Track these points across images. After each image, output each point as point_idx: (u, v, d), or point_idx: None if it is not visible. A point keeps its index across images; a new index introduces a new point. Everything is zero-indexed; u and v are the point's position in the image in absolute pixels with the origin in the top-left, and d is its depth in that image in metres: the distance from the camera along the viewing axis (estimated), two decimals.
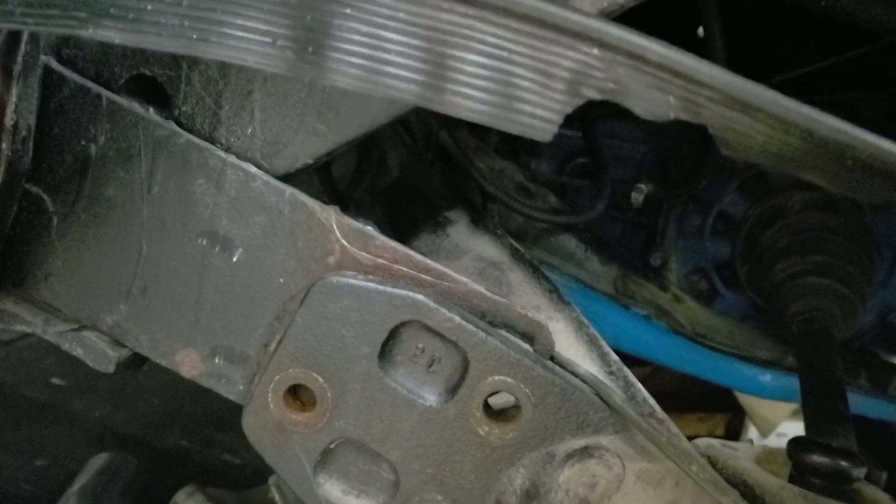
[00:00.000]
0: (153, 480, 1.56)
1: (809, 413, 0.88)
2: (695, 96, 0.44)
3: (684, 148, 1.34)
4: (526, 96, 0.46)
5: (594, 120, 1.30)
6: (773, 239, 1.19)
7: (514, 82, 0.46)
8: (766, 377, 1.28)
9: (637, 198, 1.20)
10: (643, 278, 1.29)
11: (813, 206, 1.20)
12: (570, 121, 1.43)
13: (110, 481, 1.42)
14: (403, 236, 1.02)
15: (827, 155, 0.44)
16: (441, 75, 0.46)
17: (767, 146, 0.45)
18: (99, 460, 1.46)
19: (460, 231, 0.99)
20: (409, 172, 1.15)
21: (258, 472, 1.64)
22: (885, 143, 0.43)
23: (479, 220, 1.00)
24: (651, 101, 0.45)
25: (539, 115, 0.46)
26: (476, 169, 1.09)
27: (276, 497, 1.49)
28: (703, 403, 2.15)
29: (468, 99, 0.46)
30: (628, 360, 0.78)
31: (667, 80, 0.45)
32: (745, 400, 1.93)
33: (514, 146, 1.36)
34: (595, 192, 1.20)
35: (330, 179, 1.17)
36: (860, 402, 1.26)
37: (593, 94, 0.46)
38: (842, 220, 1.18)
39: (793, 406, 1.91)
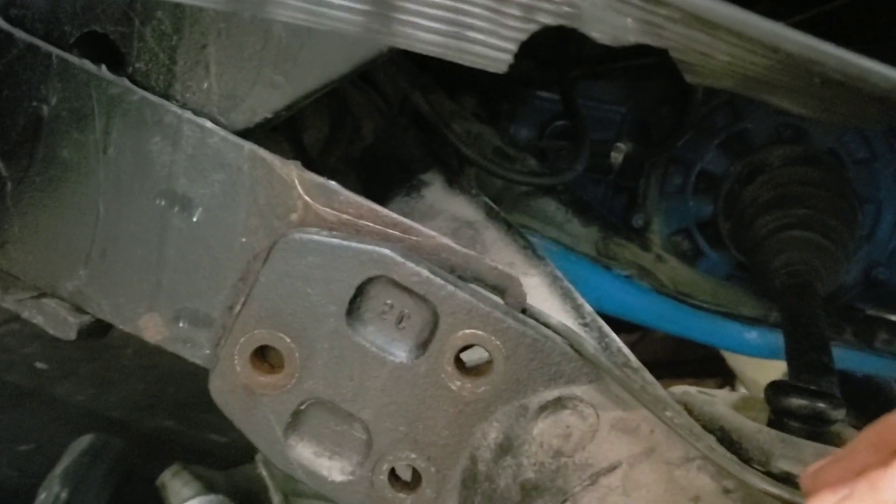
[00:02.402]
0: (139, 462, 1.55)
1: (793, 365, 0.87)
2: (653, 17, 0.43)
3: (664, 108, 1.32)
4: (478, 24, 0.44)
5: (573, 81, 1.28)
6: (755, 195, 1.17)
7: (465, 9, 0.44)
8: (752, 334, 1.27)
9: (616, 157, 1.18)
10: (625, 239, 1.27)
11: (793, 161, 1.19)
12: (548, 83, 1.40)
13: (93, 463, 1.41)
14: (378, 201, 1.00)
15: (794, 73, 0.43)
16: (388, 4, 0.44)
17: (732, 67, 0.43)
18: (82, 442, 1.45)
19: (435, 192, 0.97)
20: (383, 138, 1.13)
21: (246, 451, 1.62)
22: (852, 57, 0.41)
23: (454, 180, 0.98)
24: (609, 25, 0.43)
25: (492, 44, 0.44)
26: (452, 132, 1.07)
27: (264, 473, 1.48)
28: (693, 370, 2.15)
29: (418, 29, 0.44)
30: (613, 324, 0.77)
31: (624, 1, 0.43)
32: (735, 363, 1.93)
33: (493, 110, 1.34)
34: (574, 154, 1.18)
35: (302, 148, 1.15)
36: (847, 357, 1.26)
37: (548, 20, 0.44)
38: (823, 174, 1.17)
39: (783, 368, 1.91)
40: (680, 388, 0.69)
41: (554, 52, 1.26)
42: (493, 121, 1.33)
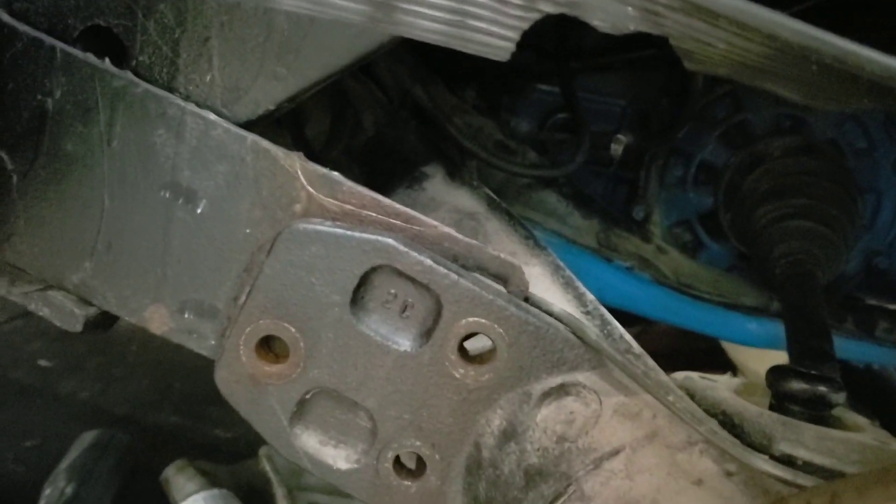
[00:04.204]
0: (144, 456, 1.56)
1: (794, 353, 0.87)
2: (653, 5, 0.43)
3: (664, 100, 1.33)
4: (481, 13, 0.45)
5: (572, 73, 1.28)
6: (755, 185, 1.18)
7: None
8: (753, 325, 1.27)
9: (616, 149, 1.19)
10: (626, 231, 1.28)
11: (794, 151, 1.19)
12: (548, 76, 1.40)
13: (100, 457, 1.41)
14: (381, 193, 1.01)
15: (791, 60, 0.43)
16: None
17: (730, 55, 0.44)
18: (88, 437, 1.46)
19: (437, 184, 0.97)
20: (384, 131, 1.13)
21: (250, 446, 1.63)
22: (848, 44, 0.42)
23: (455, 173, 0.99)
24: (609, 13, 0.44)
25: (495, 32, 0.45)
26: (453, 125, 1.08)
27: (268, 467, 1.49)
28: (694, 361, 2.15)
29: (421, 17, 0.45)
30: (615, 316, 0.77)
31: None
32: (736, 354, 1.93)
33: (493, 103, 1.34)
34: (574, 147, 1.19)
35: (305, 141, 1.15)
36: (847, 346, 1.26)
37: (550, 8, 0.44)
38: (823, 163, 1.17)
39: (783, 359, 1.91)
40: (682, 374, 0.70)
41: (554, 44, 1.27)
42: (493, 114, 1.33)
